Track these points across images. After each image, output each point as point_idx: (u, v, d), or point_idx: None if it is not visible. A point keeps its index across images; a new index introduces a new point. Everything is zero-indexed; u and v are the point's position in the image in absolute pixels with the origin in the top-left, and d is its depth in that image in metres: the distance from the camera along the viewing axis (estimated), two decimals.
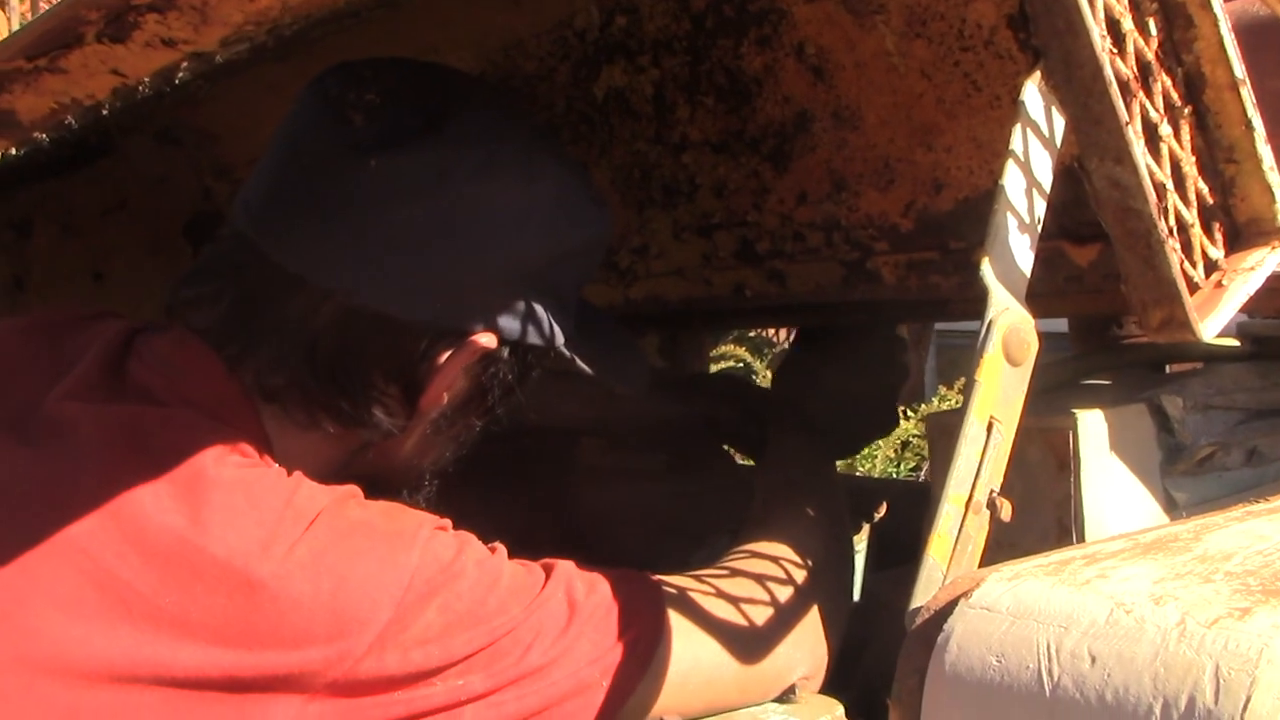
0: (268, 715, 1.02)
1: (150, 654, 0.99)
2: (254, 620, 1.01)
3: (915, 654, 0.87)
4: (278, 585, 1.02)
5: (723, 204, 1.50)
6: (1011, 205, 1.02)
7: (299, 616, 1.02)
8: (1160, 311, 1.02)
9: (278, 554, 1.03)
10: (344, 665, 1.02)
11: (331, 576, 1.04)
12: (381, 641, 1.03)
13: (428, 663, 1.05)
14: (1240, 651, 0.73)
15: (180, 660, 1.00)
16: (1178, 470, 1.26)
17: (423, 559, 1.07)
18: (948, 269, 1.33)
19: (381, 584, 1.05)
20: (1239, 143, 1.09)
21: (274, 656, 1.01)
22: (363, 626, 1.03)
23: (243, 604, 1.01)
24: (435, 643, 1.05)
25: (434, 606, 1.06)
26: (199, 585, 1.01)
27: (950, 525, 0.96)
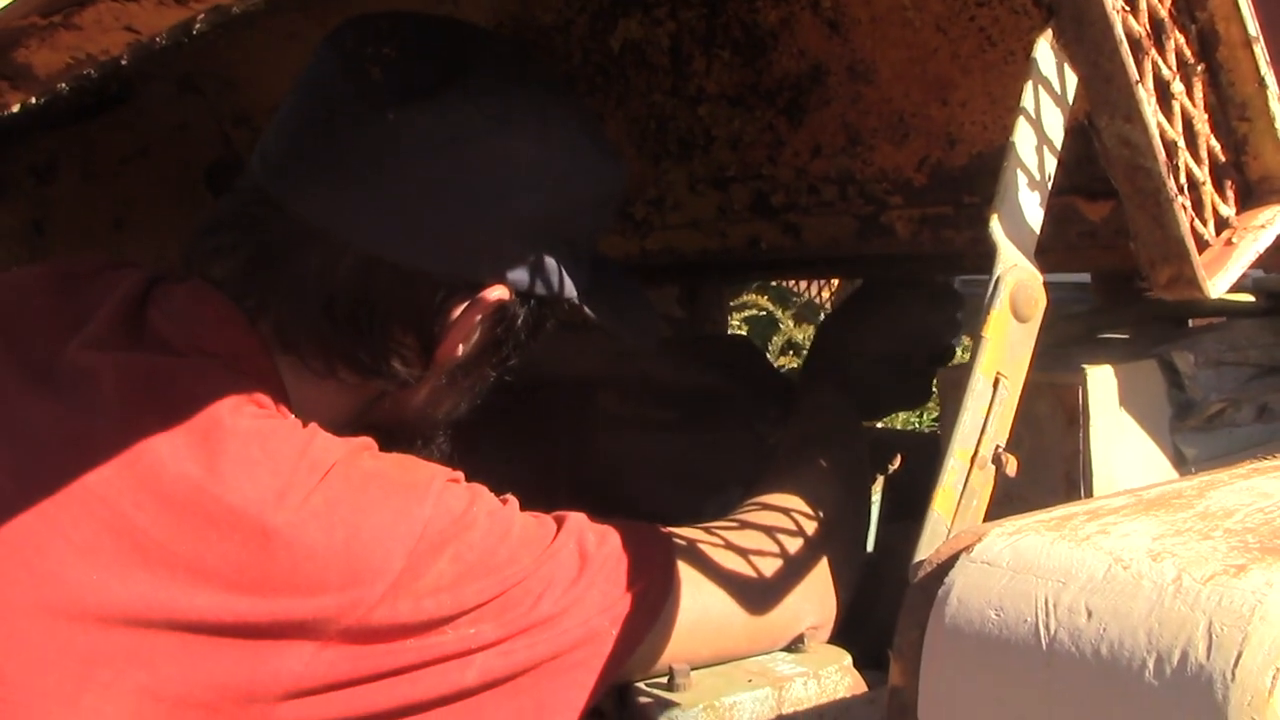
0: (281, 661, 1.04)
1: (165, 598, 1.01)
2: (268, 567, 1.03)
3: (916, 607, 0.88)
4: (292, 533, 1.04)
5: (738, 157, 1.50)
6: (1022, 162, 1.02)
7: (313, 565, 1.04)
8: (1168, 269, 1.03)
9: (292, 503, 1.05)
10: (357, 613, 1.04)
11: (345, 526, 1.05)
12: (395, 590, 1.05)
13: (439, 611, 1.07)
14: (1234, 608, 0.74)
15: (195, 605, 1.02)
16: (1188, 426, 1.26)
17: (435, 510, 1.09)
18: (961, 224, 1.33)
19: (395, 534, 1.06)
20: (1252, 100, 1.09)
21: (288, 603, 1.03)
22: (376, 575, 1.05)
23: (257, 551, 1.03)
24: (447, 591, 1.07)
25: (446, 556, 1.08)
26: (214, 532, 1.03)
27: (955, 480, 0.97)
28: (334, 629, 1.04)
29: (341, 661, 1.05)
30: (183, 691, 1.02)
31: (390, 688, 1.07)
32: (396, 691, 1.08)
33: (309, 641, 1.04)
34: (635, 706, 1.13)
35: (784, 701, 1.14)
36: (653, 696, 1.13)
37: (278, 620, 1.03)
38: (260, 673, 1.04)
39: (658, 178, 1.59)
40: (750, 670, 1.18)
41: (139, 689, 1.01)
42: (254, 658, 1.03)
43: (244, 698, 1.04)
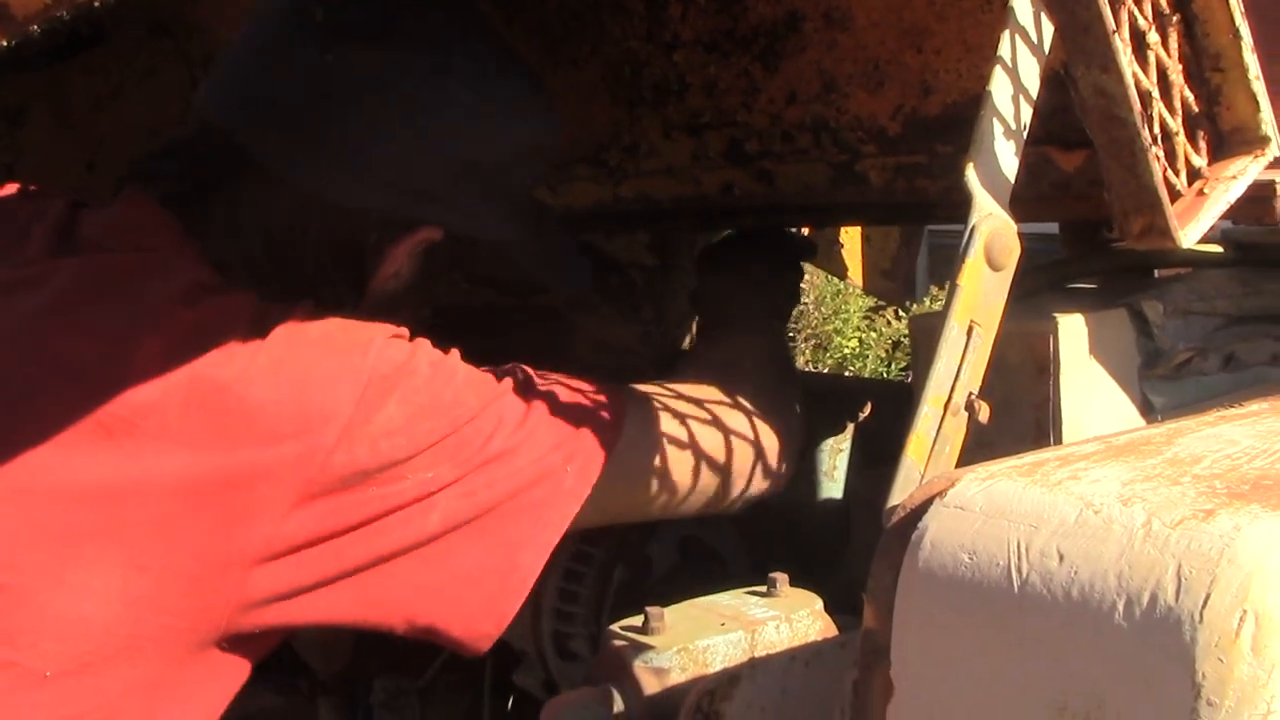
0: (252, 523, 1.08)
1: (134, 468, 1.06)
2: (224, 422, 1.07)
3: (891, 551, 0.89)
4: (242, 388, 1.08)
5: (713, 103, 1.50)
6: (998, 111, 1.03)
7: (265, 416, 1.08)
8: (1141, 218, 1.04)
9: (240, 362, 1.09)
10: (316, 459, 1.09)
11: (291, 378, 1.10)
12: (348, 434, 1.10)
13: (395, 453, 1.11)
14: (1202, 551, 0.76)
15: (163, 469, 1.06)
16: (1156, 374, 1.28)
17: (378, 358, 1.14)
18: (935, 172, 1.34)
19: (341, 381, 1.11)
20: (1226, 51, 1.10)
21: (248, 454, 1.07)
22: (327, 420, 1.09)
23: (212, 409, 1.07)
24: (400, 433, 1.12)
25: (394, 400, 1.12)
26: (172, 399, 1.07)
27: (928, 426, 0.98)
28: (297, 479, 1.09)
29: (309, 519, 1.09)
30: (164, 561, 1.06)
31: (358, 540, 1.12)
32: (365, 545, 1.12)
33: (276, 499, 1.08)
34: (610, 650, 1.14)
35: (757, 644, 1.15)
36: (627, 639, 1.14)
37: (241, 472, 1.07)
38: (234, 536, 1.08)
39: (632, 124, 1.59)
40: (724, 614, 1.19)
41: (123, 561, 1.05)
42: (226, 519, 1.07)
43: (221, 563, 1.08)
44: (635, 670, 1.10)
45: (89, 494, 1.05)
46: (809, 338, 5.01)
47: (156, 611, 1.08)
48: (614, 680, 1.11)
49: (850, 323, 5.05)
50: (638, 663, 1.11)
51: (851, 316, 5.06)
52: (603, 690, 1.11)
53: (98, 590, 1.05)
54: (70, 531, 1.05)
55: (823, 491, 1.70)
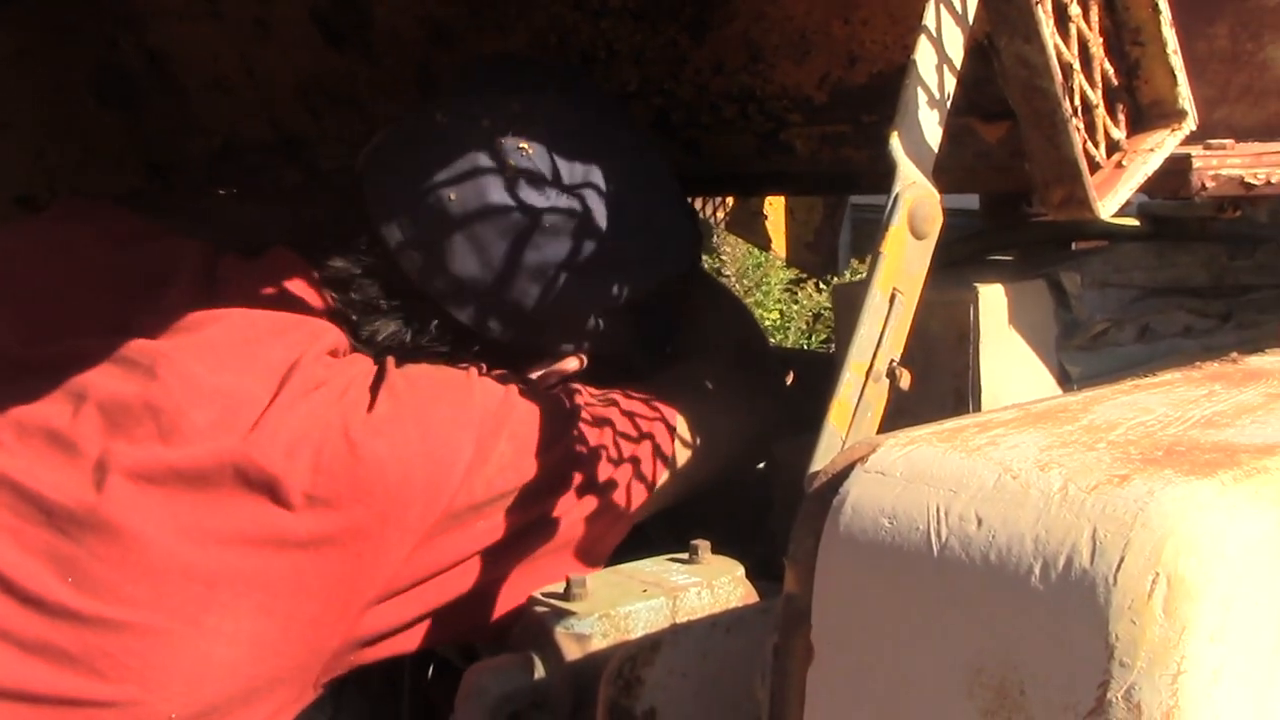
0: (378, 565, 1.13)
1: (272, 519, 1.10)
2: (355, 475, 1.12)
3: (812, 515, 0.90)
4: (370, 441, 1.13)
5: (640, 72, 1.50)
6: (922, 80, 1.03)
7: (396, 466, 1.13)
8: (1061, 189, 1.05)
9: (359, 419, 1.14)
10: (441, 504, 1.15)
11: (416, 426, 1.16)
12: (470, 474, 1.16)
13: (505, 485, 1.19)
14: (1116, 515, 0.77)
15: (300, 522, 1.10)
16: (1073, 345, 1.29)
17: (484, 395, 1.21)
18: (860, 142, 1.34)
19: (459, 423, 1.18)
20: (1145, 25, 1.11)
21: (380, 506, 1.12)
22: (452, 466, 1.16)
23: (344, 462, 1.12)
24: (511, 468, 1.19)
25: (504, 436, 1.20)
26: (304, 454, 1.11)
27: (850, 393, 0.99)
28: (423, 525, 1.14)
29: (425, 558, 1.15)
30: (291, 606, 1.10)
31: (462, 573, 1.18)
32: (467, 576, 1.19)
33: (402, 544, 1.13)
34: (532, 616, 1.14)
35: (678, 611, 1.16)
36: (549, 606, 1.14)
37: (372, 523, 1.12)
38: (359, 581, 1.12)
39: None
40: (645, 580, 1.19)
41: (255, 607, 1.09)
42: (354, 567, 1.12)
43: (342, 606, 1.12)
44: (556, 636, 1.11)
45: (230, 541, 1.08)
46: None
47: (278, 655, 1.11)
48: (535, 647, 1.11)
49: (771, 295, 5.08)
50: (559, 629, 1.11)
51: (772, 289, 5.09)
52: (524, 657, 1.11)
53: (229, 634, 1.08)
54: (212, 577, 1.08)
55: None
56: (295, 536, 1.11)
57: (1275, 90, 1.88)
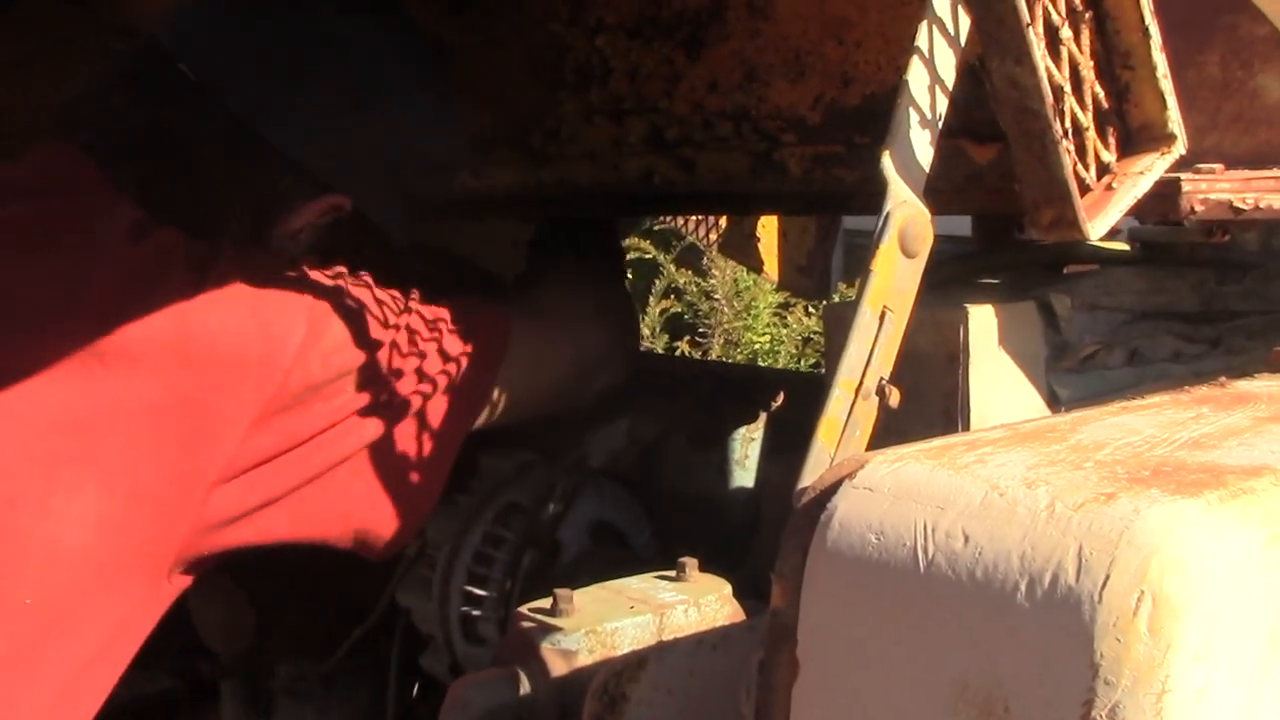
0: (217, 442, 1.14)
1: (105, 392, 1.11)
2: (188, 348, 1.13)
3: (800, 531, 0.90)
4: (202, 315, 1.14)
5: (635, 89, 1.50)
6: (914, 100, 1.04)
7: (227, 339, 1.15)
8: (1051, 210, 1.06)
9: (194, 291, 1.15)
10: (275, 378, 1.16)
11: (246, 304, 1.17)
12: (304, 350, 1.17)
13: (342, 366, 1.20)
14: (1102, 533, 0.77)
15: (131, 392, 1.11)
16: (1062, 367, 1.30)
17: (315, 277, 1.23)
18: (852, 163, 1.35)
19: (290, 301, 1.19)
20: (1136, 49, 1.12)
21: (213, 375, 1.14)
22: (285, 340, 1.17)
23: (176, 335, 1.13)
24: (345, 349, 1.21)
25: (338, 316, 1.21)
26: (135, 330, 1.12)
27: (840, 410, 0.99)
28: (258, 398, 1.15)
29: (266, 437, 1.16)
30: (132, 483, 1.11)
31: (304, 456, 1.20)
32: (309, 460, 1.20)
33: (238, 418, 1.14)
34: (518, 631, 1.14)
35: (665, 628, 1.16)
36: (535, 621, 1.14)
37: (205, 393, 1.13)
38: (198, 455, 1.13)
39: (554, 107, 1.59)
40: (633, 597, 1.19)
41: (96, 485, 1.09)
42: (190, 439, 1.13)
43: (185, 483, 1.13)
44: (543, 652, 1.11)
45: (65, 423, 1.09)
46: (721, 334, 5.03)
47: (125, 535, 1.12)
48: (521, 661, 1.11)
49: (760, 319, 5.08)
50: (545, 644, 1.11)
51: (761, 313, 5.09)
52: (510, 671, 1.11)
53: (75, 516, 1.09)
54: (50, 459, 1.09)
55: (734, 480, 1.71)
56: (127, 405, 1.11)
57: (1265, 118, 1.89)
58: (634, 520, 1.60)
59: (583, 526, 1.53)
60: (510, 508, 1.50)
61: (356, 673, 1.75)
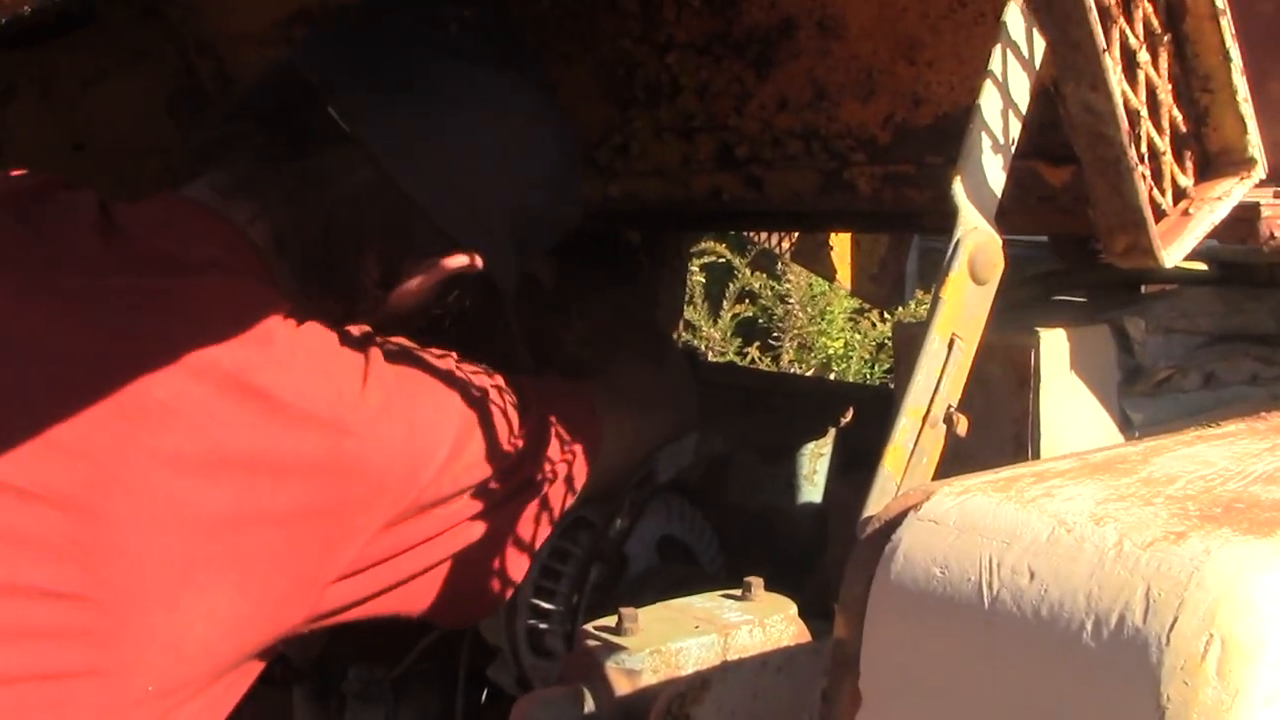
0: (344, 546, 1.16)
1: (253, 498, 1.11)
2: (341, 460, 1.14)
3: (864, 562, 0.89)
4: (364, 428, 1.15)
5: (704, 107, 1.50)
6: (986, 125, 1.03)
7: (380, 455, 1.16)
8: (1125, 237, 1.04)
9: (350, 400, 1.16)
10: (411, 495, 1.18)
11: (403, 418, 1.18)
12: (441, 471, 1.20)
13: (469, 481, 1.24)
14: (1171, 574, 0.76)
15: (278, 500, 1.12)
16: (1136, 391, 1.28)
17: (463, 393, 1.24)
18: (922, 183, 1.34)
19: (441, 421, 1.21)
20: (1215, 72, 1.10)
21: (358, 489, 1.15)
22: (429, 460, 1.19)
23: (332, 446, 1.14)
24: (476, 467, 1.24)
25: (476, 437, 1.23)
26: (290, 433, 1.13)
27: (906, 438, 0.98)
28: (392, 511, 1.17)
29: (388, 541, 1.18)
30: (265, 585, 1.13)
31: (417, 555, 1.23)
32: (421, 558, 1.23)
33: (370, 527, 1.16)
34: (583, 650, 1.15)
35: (729, 648, 1.15)
36: (600, 640, 1.14)
37: (348, 505, 1.15)
38: (327, 559, 1.15)
39: (623, 124, 1.59)
40: (697, 616, 1.19)
41: (231, 586, 1.11)
42: (324, 545, 1.15)
43: (310, 582, 1.15)
44: (607, 670, 1.11)
45: (208, 527, 1.10)
46: (794, 338, 5.02)
47: (251, 632, 1.15)
48: (586, 680, 1.12)
49: (835, 324, 5.06)
50: (610, 663, 1.11)
51: (836, 318, 5.07)
52: (574, 689, 1.11)
53: (203, 613, 1.10)
54: (191, 560, 1.10)
55: (802, 496, 1.71)
56: (272, 515, 1.12)
57: None
58: (701, 535, 1.60)
59: (649, 541, 1.53)
60: (578, 522, 1.50)
61: (425, 680, 1.77)
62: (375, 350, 1.21)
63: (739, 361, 4.78)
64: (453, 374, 1.25)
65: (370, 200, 1.25)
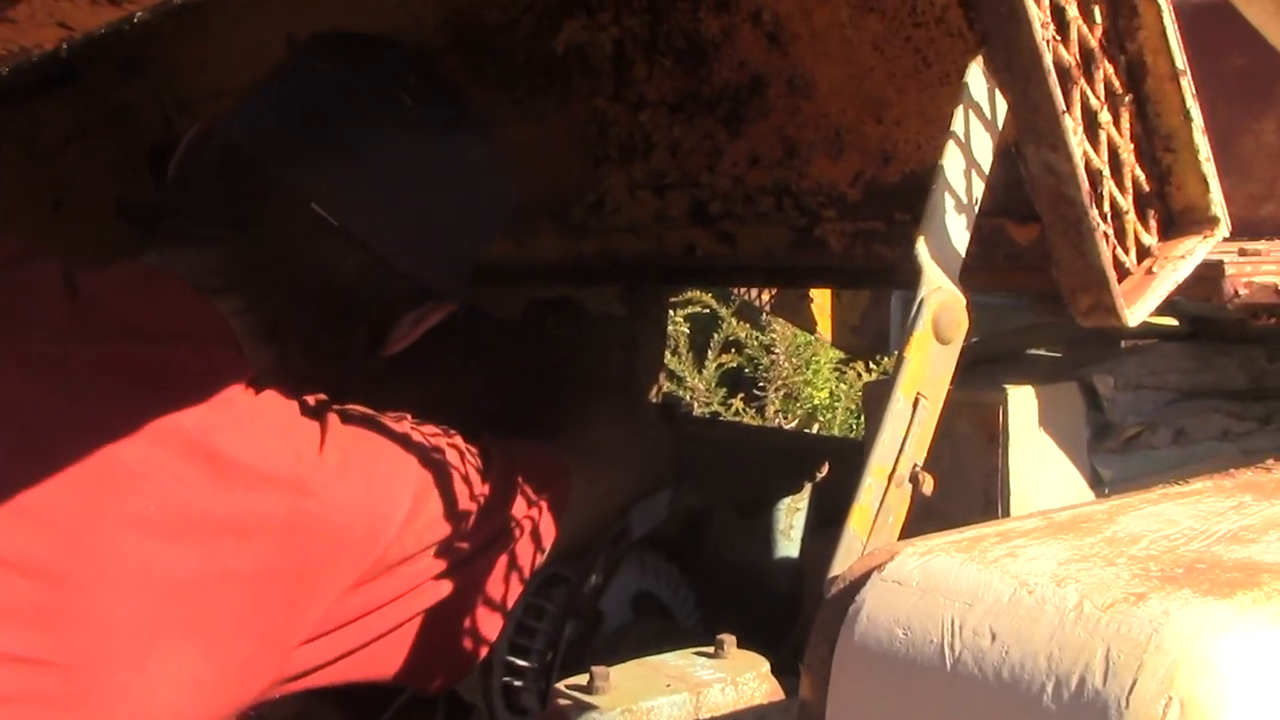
0: (309, 607, 1.16)
1: (218, 561, 1.12)
2: (302, 520, 1.15)
3: (828, 623, 0.89)
4: (324, 489, 1.16)
5: (677, 163, 1.51)
6: (950, 186, 1.04)
7: (341, 514, 1.17)
8: (1088, 296, 1.05)
9: (310, 461, 1.17)
10: (375, 553, 1.19)
11: (362, 477, 1.19)
12: (404, 528, 1.20)
13: (432, 538, 1.23)
14: (1131, 636, 0.76)
15: (243, 562, 1.12)
16: (1105, 448, 1.29)
17: (419, 451, 1.25)
18: (893, 239, 1.35)
19: (400, 479, 1.22)
20: (1177, 132, 1.11)
21: (321, 549, 1.16)
22: (390, 519, 1.20)
23: (293, 507, 1.14)
24: (438, 522, 1.24)
25: (436, 494, 1.24)
26: (253, 496, 1.13)
27: (872, 498, 0.99)
28: (356, 571, 1.18)
29: (354, 602, 1.19)
30: (230, 647, 1.13)
31: (383, 615, 1.22)
32: (387, 618, 1.23)
33: (336, 587, 1.17)
34: (555, 709, 1.14)
35: (701, 706, 1.15)
36: (571, 699, 1.14)
37: (312, 566, 1.15)
38: (293, 622, 1.16)
39: (597, 181, 1.60)
40: (669, 674, 1.19)
41: (195, 650, 1.11)
42: (290, 607, 1.15)
43: (275, 645, 1.16)
44: None
45: (173, 589, 1.10)
46: (779, 388, 5.02)
47: (213, 695, 1.14)
48: None
49: (820, 374, 5.06)
50: None
51: (822, 368, 5.07)
52: None
53: (170, 677, 1.11)
54: (158, 623, 1.10)
55: (778, 551, 1.71)
56: (236, 576, 1.12)
57: None
58: (676, 591, 1.59)
59: (625, 598, 1.53)
60: (552, 578, 1.50)
61: None
62: (332, 414, 1.22)
63: (724, 411, 4.78)
64: (409, 434, 1.26)
65: (361, 281, 1.28)
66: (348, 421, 1.23)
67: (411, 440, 1.26)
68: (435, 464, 1.25)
